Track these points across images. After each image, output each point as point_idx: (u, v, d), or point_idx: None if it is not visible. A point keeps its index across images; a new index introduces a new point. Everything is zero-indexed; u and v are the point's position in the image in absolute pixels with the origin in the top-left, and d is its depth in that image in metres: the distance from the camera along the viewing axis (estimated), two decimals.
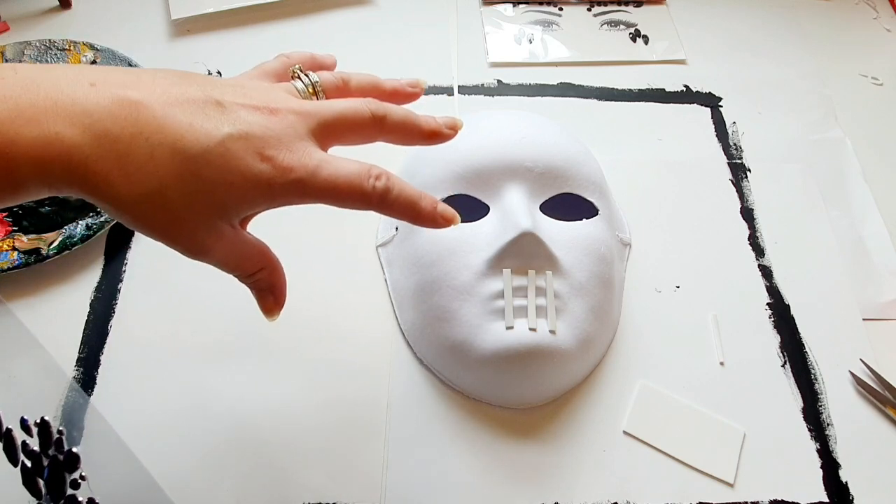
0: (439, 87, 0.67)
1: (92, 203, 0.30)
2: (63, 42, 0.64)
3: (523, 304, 0.47)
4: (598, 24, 0.74)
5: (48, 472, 0.43)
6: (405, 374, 0.51)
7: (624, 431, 0.49)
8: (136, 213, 0.30)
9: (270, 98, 0.33)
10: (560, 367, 0.48)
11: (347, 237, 0.57)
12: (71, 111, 0.28)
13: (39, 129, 0.28)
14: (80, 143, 0.28)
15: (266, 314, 0.38)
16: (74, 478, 0.44)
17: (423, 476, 0.47)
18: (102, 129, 0.29)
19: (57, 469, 0.43)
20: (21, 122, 0.27)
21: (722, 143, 0.66)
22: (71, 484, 0.44)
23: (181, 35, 0.70)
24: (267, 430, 0.48)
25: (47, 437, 0.45)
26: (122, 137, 0.29)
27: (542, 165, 0.50)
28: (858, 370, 0.53)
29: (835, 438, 0.50)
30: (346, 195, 0.34)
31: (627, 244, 0.58)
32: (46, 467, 0.44)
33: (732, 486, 0.48)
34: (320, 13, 0.73)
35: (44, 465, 0.44)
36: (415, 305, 0.51)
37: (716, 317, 0.55)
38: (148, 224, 0.31)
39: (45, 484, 0.43)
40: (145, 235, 0.31)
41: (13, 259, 0.52)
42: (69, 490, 0.43)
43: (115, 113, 0.29)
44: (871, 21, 0.78)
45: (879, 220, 0.61)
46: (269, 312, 0.38)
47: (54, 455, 0.44)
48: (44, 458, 0.44)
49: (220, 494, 0.46)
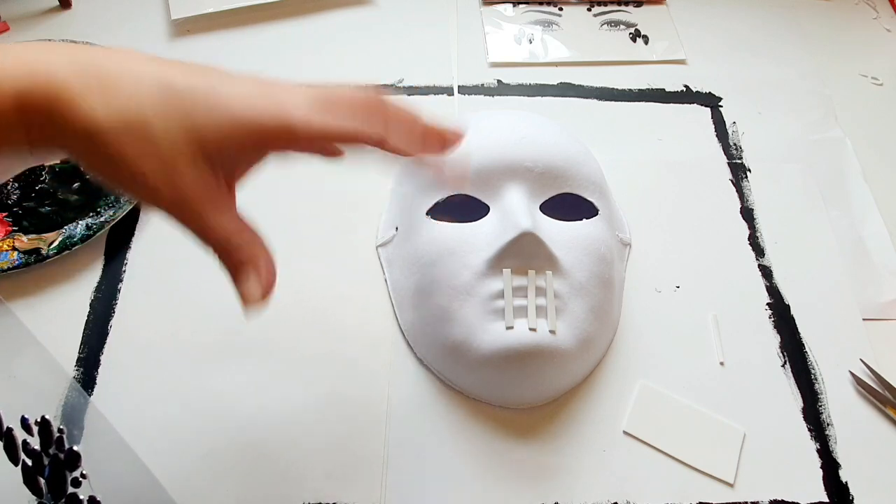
0: (439, 87, 0.67)
1: (65, 143, 0.28)
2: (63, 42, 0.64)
3: (523, 304, 0.47)
4: (598, 24, 0.74)
5: (49, 471, 0.43)
6: (405, 374, 0.51)
7: (624, 431, 0.49)
8: (113, 140, 0.28)
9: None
10: (560, 367, 0.48)
11: (347, 237, 0.57)
12: (63, 47, 0.29)
13: (27, 55, 0.28)
14: (64, 67, 0.28)
15: (245, 301, 0.31)
16: (75, 476, 0.44)
17: (423, 476, 0.47)
18: (90, 59, 0.28)
19: (58, 467, 0.43)
20: (13, 51, 0.28)
21: (722, 143, 0.66)
22: (72, 482, 0.44)
23: (181, 35, 0.70)
24: (267, 430, 0.48)
25: (48, 435, 0.45)
26: (109, 68, 0.28)
27: (542, 165, 0.50)
28: (858, 370, 0.53)
29: (835, 438, 0.50)
30: (343, 134, 0.32)
31: (627, 244, 0.58)
32: (47, 466, 0.44)
33: (732, 486, 0.48)
34: (320, 13, 0.73)
35: (45, 463, 0.44)
36: (415, 305, 0.51)
37: (716, 317, 0.55)
38: (124, 154, 0.28)
39: (46, 482, 0.43)
40: (116, 177, 0.29)
41: (13, 259, 0.52)
42: (70, 488, 0.43)
43: (106, 52, 0.29)
44: (871, 21, 0.78)
45: (879, 220, 0.61)
46: (250, 299, 0.31)
47: (55, 454, 0.44)
48: (44, 456, 0.44)
49: (220, 494, 0.46)
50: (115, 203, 0.56)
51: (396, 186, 0.58)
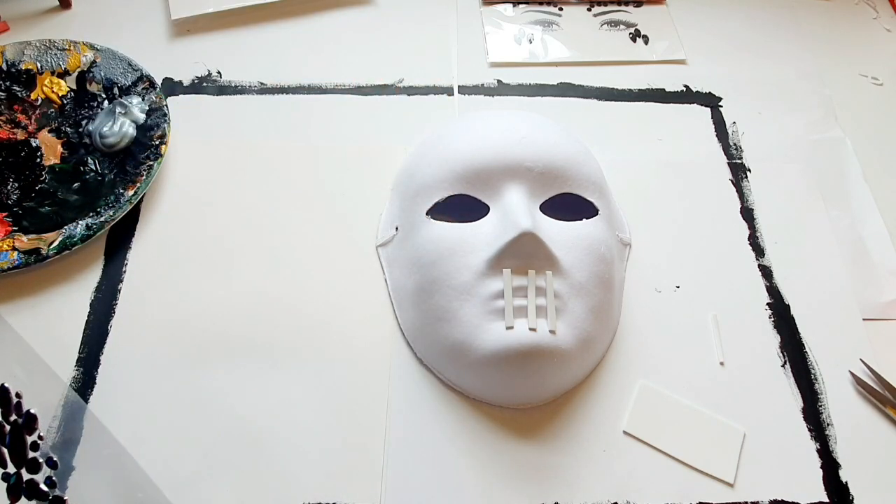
0: (439, 87, 0.67)
1: None
2: (63, 42, 0.64)
3: (523, 304, 0.47)
4: (598, 24, 0.74)
5: (9, 438, 0.43)
6: (405, 374, 0.51)
7: (624, 431, 0.49)
8: None
9: None
10: (560, 367, 0.48)
11: (347, 237, 0.57)
12: None
13: None
14: None
15: None
16: (34, 440, 0.43)
17: (423, 476, 0.47)
18: None
19: (17, 432, 0.43)
20: None
21: (722, 143, 0.66)
22: (31, 446, 0.43)
23: (181, 35, 0.70)
24: (267, 430, 0.48)
25: (6, 403, 0.44)
26: None
27: (542, 165, 0.50)
28: (858, 370, 0.53)
29: (835, 438, 0.50)
30: None
31: (627, 244, 0.58)
32: (7, 434, 0.43)
33: (732, 486, 0.48)
34: (320, 13, 0.73)
35: (5, 432, 0.43)
36: (415, 305, 0.51)
37: (716, 317, 0.55)
38: None
39: (8, 449, 0.42)
40: None
41: (13, 259, 0.52)
42: (30, 453, 0.42)
43: None
44: (871, 21, 0.78)
45: (879, 220, 0.61)
46: None
47: (14, 420, 0.43)
48: (5, 424, 0.43)
49: (220, 494, 0.46)
50: (115, 203, 0.56)
51: (396, 186, 0.58)
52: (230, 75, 0.67)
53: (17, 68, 0.63)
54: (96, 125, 0.60)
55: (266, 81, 0.66)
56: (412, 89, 0.67)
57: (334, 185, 0.60)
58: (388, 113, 0.65)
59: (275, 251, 0.56)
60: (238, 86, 0.66)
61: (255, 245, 0.56)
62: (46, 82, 0.63)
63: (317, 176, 0.60)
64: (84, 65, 0.63)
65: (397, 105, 0.66)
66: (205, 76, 0.67)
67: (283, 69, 0.67)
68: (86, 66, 0.63)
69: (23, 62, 0.63)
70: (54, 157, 0.59)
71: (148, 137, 0.59)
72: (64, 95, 0.63)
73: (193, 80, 0.66)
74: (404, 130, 0.63)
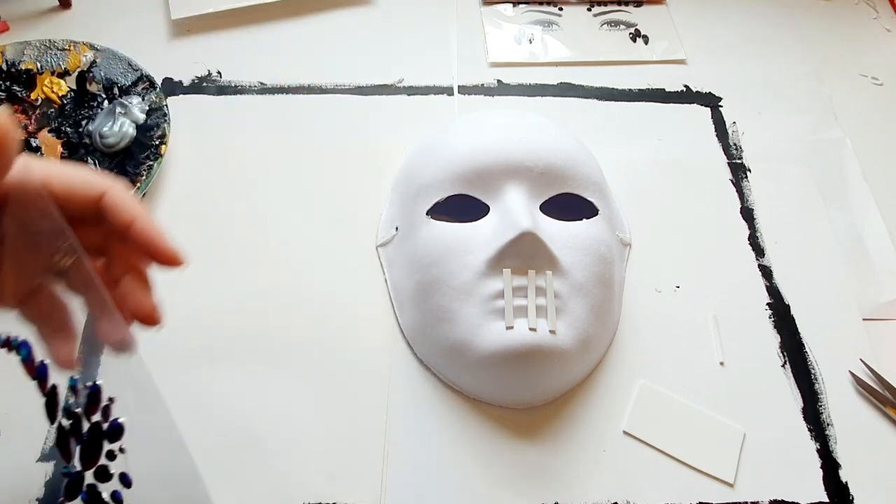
0: (439, 87, 0.67)
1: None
2: (63, 42, 0.64)
3: (523, 304, 0.47)
4: (598, 24, 0.74)
5: (87, 437, 0.42)
6: (405, 374, 0.51)
7: (624, 431, 0.49)
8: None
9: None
10: (560, 367, 0.48)
11: (347, 237, 0.57)
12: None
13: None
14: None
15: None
16: (112, 449, 0.42)
17: (423, 476, 0.47)
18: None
19: (96, 435, 0.42)
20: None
21: (722, 143, 0.66)
22: (107, 454, 0.42)
23: (181, 35, 0.70)
24: (267, 430, 0.48)
25: (95, 402, 0.43)
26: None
27: (542, 165, 0.50)
28: (858, 370, 0.53)
29: (835, 438, 0.50)
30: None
31: (627, 244, 0.58)
32: (86, 432, 0.42)
33: (732, 486, 0.48)
34: (320, 13, 0.73)
35: (83, 429, 0.42)
36: (415, 305, 0.51)
37: (716, 317, 0.55)
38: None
39: (81, 448, 0.41)
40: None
41: None
42: (103, 460, 0.42)
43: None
44: (871, 21, 0.78)
45: (879, 220, 0.61)
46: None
47: (97, 422, 0.42)
48: (85, 421, 0.42)
49: (220, 494, 0.46)
50: None
51: (396, 186, 0.58)
52: (230, 75, 0.67)
53: (17, 68, 0.63)
54: (96, 125, 0.60)
55: (266, 81, 0.66)
56: (412, 89, 0.67)
57: (334, 185, 0.60)
58: (388, 113, 0.65)
59: (274, 251, 0.56)
60: (238, 86, 0.66)
61: (254, 245, 0.56)
62: (46, 82, 0.63)
63: (317, 176, 0.60)
64: (84, 65, 0.63)
65: (397, 105, 0.66)
66: (205, 76, 0.67)
67: (283, 69, 0.67)
68: (86, 66, 0.63)
69: (23, 62, 0.63)
70: (54, 157, 0.59)
71: (148, 137, 0.59)
72: (64, 95, 0.63)
73: (193, 80, 0.66)
74: (404, 130, 0.63)
